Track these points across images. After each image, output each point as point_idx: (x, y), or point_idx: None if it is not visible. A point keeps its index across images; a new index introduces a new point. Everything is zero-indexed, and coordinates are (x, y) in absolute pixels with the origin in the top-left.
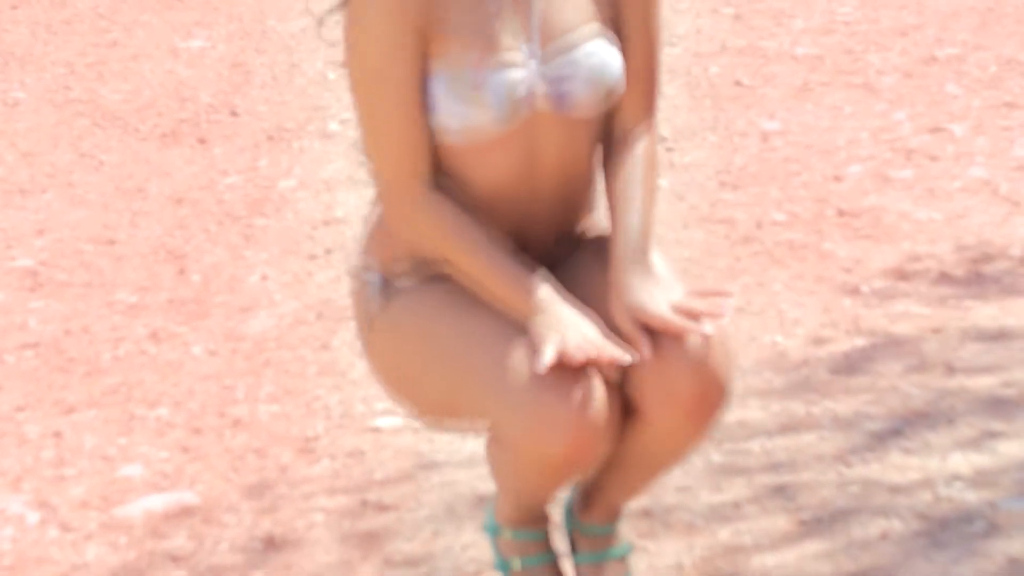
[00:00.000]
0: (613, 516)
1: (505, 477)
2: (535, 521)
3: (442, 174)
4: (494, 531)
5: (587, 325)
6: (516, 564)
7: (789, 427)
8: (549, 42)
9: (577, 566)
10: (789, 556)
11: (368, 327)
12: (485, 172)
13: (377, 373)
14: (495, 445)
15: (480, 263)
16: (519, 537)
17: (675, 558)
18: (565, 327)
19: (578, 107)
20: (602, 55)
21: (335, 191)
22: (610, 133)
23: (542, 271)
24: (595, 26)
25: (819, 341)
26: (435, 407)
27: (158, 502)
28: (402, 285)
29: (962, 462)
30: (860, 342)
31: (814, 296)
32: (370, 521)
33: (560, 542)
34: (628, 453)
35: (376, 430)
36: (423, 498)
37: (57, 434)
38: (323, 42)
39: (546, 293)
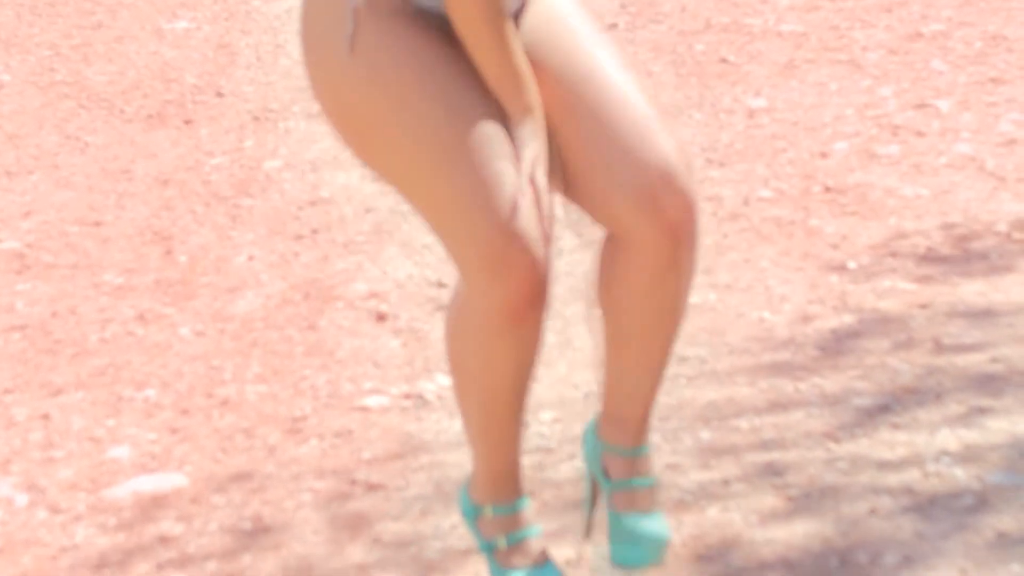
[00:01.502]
0: (640, 435)
1: (462, 360)
2: (511, 491)
3: None
4: (472, 513)
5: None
6: (501, 543)
7: (777, 404)
8: None
9: (612, 494)
10: (778, 533)
11: (352, 28)
12: None
13: (334, 92)
14: (456, 308)
15: (498, 48)
16: (499, 512)
17: None
18: (540, 143)
19: None
20: None
21: (321, 171)
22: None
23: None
24: None
25: (806, 318)
26: (387, 171)
27: (147, 483)
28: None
29: (950, 438)
30: (847, 318)
31: (801, 272)
32: (358, 501)
33: (584, 487)
34: (626, 321)
35: (364, 409)
36: (411, 478)
37: (45, 416)
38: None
39: (536, 98)
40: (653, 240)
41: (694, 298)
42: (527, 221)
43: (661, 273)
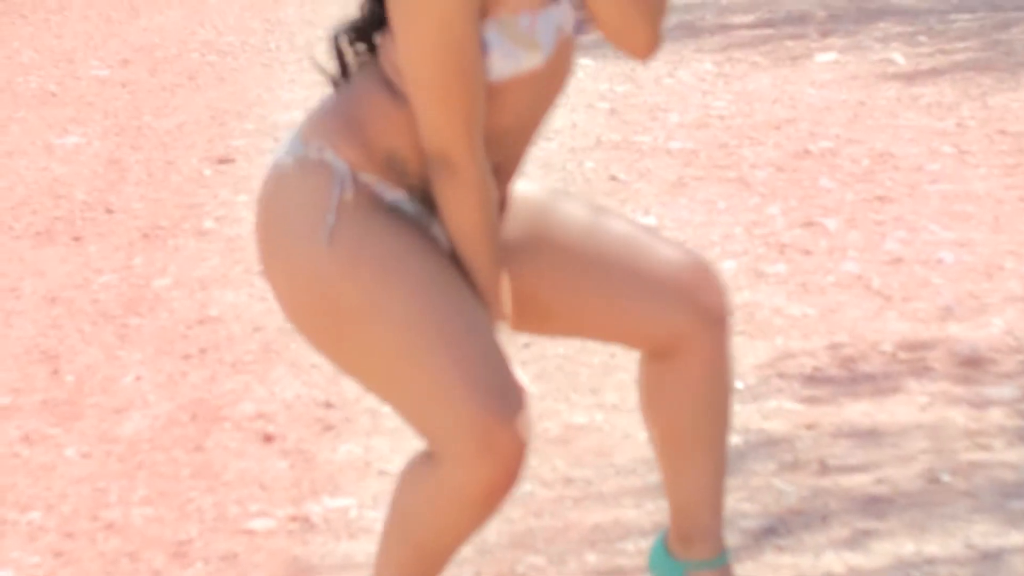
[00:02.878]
0: (721, 540)
1: (420, 519)
2: None
3: None
4: None
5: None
6: None
7: (663, 526)
8: None
9: None
10: None
11: (333, 221)
12: (510, 105)
13: (310, 273)
14: (423, 473)
15: (484, 255)
16: None
17: None
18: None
19: (588, 28)
20: None
21: (210, 289)
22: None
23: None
24: None
25: None
26: (362, 360)
27: None
28: (367, 180)
29: (835, 561)
30: (734, 439)
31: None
32: None
33: None
34: (688, 424)
35: (250, 532)
36: None
37: None
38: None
39: (509, 303)
40: (705, 329)
41: (580, 418)
42: (518, 404)
43: (716, 360)
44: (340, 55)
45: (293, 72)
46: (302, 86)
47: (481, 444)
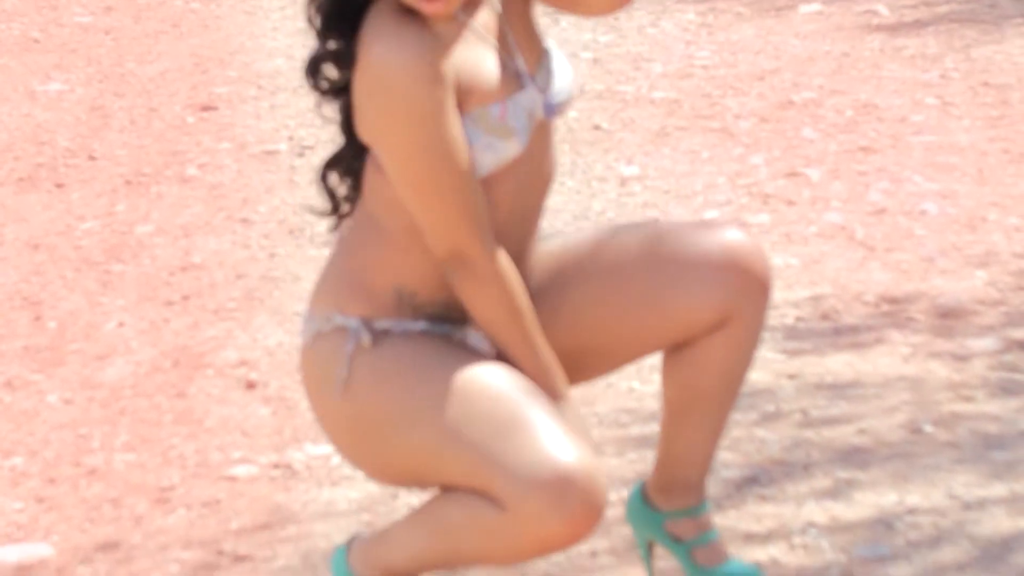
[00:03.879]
0: (703, 492)
1: (469, 540)
2: None
3: None
4: None
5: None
6: None
7: (645, 475)
8: (530, 60)
9: (692, 553)
10: None
11: (346, 373)
12: (501, 196)
13: (346, 422)
14: (484, 506)
15: (525, 343)
16: None
17: None
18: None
19: (564, 109)
20: (564, 60)
21: (193, 236)
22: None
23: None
24: (542, 38)
25: None
26: (413, 464)
27: (12, 554)
28: (384, 326)
29: (817, 510)
30: None
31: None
32: (226, 572)
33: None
34: (705, 383)
35: (232, 479)
36: (279, 548)
37: None
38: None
39: (564, 381)
40: (749, 298)
41: None
42: (594, 466)
43: (757, 326)
44: (330, 192)
45: (276, 20)
46: (285, 34)
47: (559, 510)
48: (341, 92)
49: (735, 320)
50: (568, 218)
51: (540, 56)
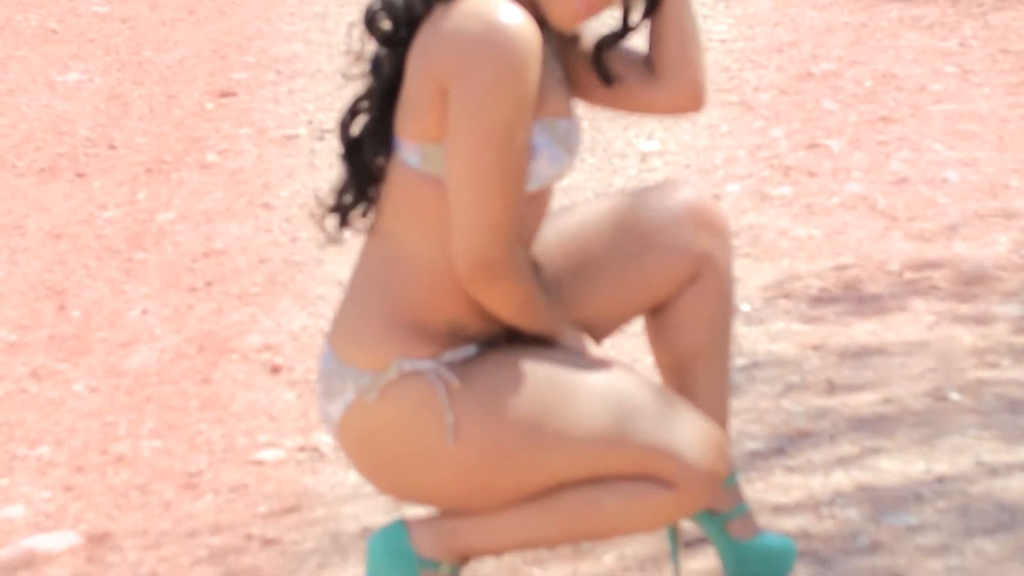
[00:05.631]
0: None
1: (620, 519)
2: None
3: None
4: (430, 566)
5: None
6: None
7: None
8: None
9: (726, 526)
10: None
11: (452, 417)
12: (540, 211)
13: (464, 467)
14: (645, 494)
15: (544, 325)
16: (454, 573)
17: None
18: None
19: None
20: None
21: (214, 223)
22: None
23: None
24: None
25: None
26: (546, 478)
27: (41, 542)
28: (447, 359)
29: (845, 479)
30: (741, 361)
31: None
32: (254, 556)
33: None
34: (695, 335)
35: (259, 463)
36: (307, 531)
37: None
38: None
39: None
40: (715, 244)
41: None
42: (724, 435)
43: (726, 274)
44: (343, 212)
45: (293, 5)
46: (302, 18)
47: (721, 475)
48: (394, 44)
49: (706, 269)
50: (589, 195)
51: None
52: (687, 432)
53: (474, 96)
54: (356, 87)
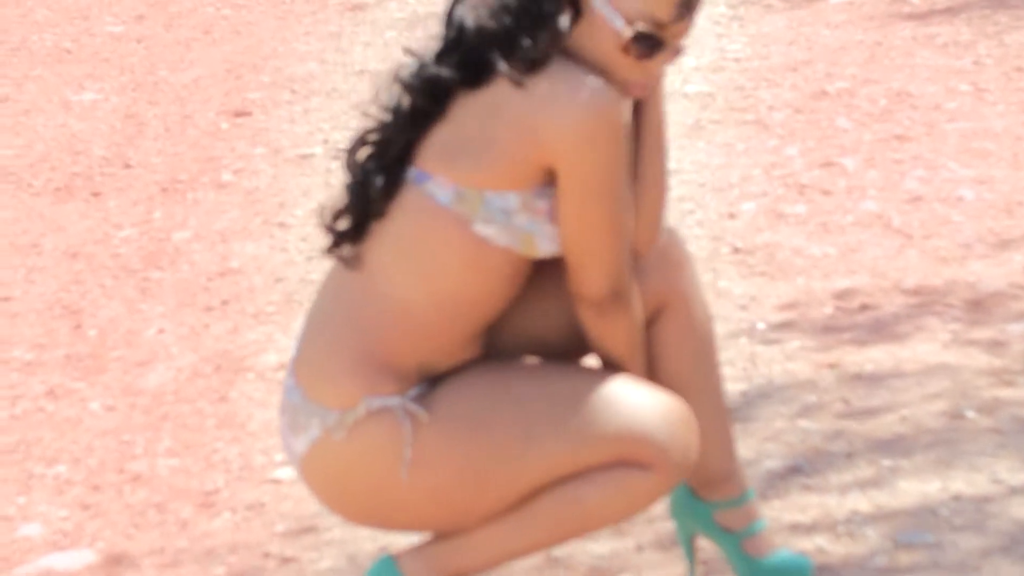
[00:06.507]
0: (744, 479)
1: (603, 509)
2: None
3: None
4: None
5: None
6: None
7: None
8: None
9: (742, 544)
10: None
11: (411, 453)
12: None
13: (425, 496)
14: (625, 482)
15: (637, 360)
16: None
17: None
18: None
19: None
20: None
21: (230, 242)
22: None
23: None
24: None
25: None
26: (517, 487)
27: (59, 561)
28: (412, 394)
29: (861, 499)
30: (757, 381)
31: (715, 337)
32: (272, 575)
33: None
34: (683, 370)
35: (276, 482)
36: (324, 550)
37: None
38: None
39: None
40: (677, 275)
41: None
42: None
43: (695, 302)
44: (336, 239)
45: (308, 24)
46: (317, 38)
47: (683, 422)
48: (423, 118)
49: (673, 302)
50: None
51: None
52: (652, 412)
53: (596, 174)
54: (370, 110)
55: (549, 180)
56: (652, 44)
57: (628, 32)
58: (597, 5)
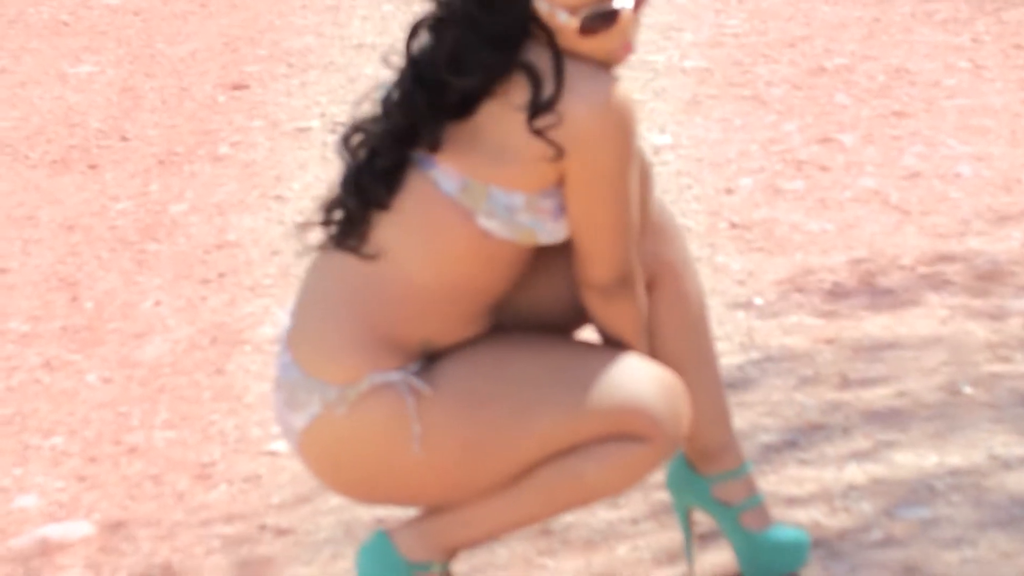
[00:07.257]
0: (740, 452)
1: (598, 482)
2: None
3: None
4: (421, 568)
5: None
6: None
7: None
8: None
9: (741, 517)
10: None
11: (419, 427)
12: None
13: (434, 469)
14: (621, 454)
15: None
16: (444, 569)
17: (574, 575)
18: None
19: None
20: None
21: (227, 214)
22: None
23: None
24: None
25: None
26: (520, 459)
27: (54, 532)
28: (413, 369)
29: (858, 472)
30: (754, 355)
31: (708, 310)
32: (268, 546)
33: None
34: (679, 346)
35: (272, 454)
36: (321, 521)
37: None
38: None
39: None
40: (668, 247)
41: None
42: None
43: (688, 274)
44: (333, 229)
45: None
46: (314, 11)
47: (676, 398)
48: (455, 110)
49: (662, 274)
50: None
51: None
52: (645, 383)
53: (611, 165)
54: (367, 83)
55: (558, 183)
56: (603, 15)
57: (574, 22)
58: (542, 9)
